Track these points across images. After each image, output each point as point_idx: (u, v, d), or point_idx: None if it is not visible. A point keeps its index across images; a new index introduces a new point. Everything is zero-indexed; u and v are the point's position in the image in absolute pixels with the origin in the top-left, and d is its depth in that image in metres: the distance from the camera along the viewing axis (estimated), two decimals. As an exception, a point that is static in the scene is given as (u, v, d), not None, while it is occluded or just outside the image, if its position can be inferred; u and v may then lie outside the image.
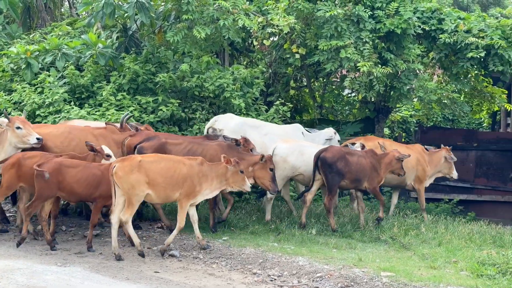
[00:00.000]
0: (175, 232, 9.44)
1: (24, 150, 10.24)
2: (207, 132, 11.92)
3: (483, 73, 15.67)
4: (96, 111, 12.78)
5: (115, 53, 14.04)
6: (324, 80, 16.96)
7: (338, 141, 12.95)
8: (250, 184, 9.81)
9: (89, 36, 14.10)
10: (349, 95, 17.85)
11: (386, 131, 19.53)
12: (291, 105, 14.77)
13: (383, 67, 13.22)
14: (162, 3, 14.38)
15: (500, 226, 12.36)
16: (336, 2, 13.70)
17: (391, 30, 13.57)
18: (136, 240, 9.27)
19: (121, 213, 9.08)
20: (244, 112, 13.59)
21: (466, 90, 16.16)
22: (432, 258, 9.45)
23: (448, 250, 9.92)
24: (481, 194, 15.62)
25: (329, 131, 13.03)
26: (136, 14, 13.59)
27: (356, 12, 13.52)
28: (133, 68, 13.43)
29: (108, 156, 10.00)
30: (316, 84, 17.42)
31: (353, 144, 12.25)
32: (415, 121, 21.13)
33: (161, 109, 12.96)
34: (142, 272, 8.48)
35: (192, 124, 13.26)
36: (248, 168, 10.13)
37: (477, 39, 13.80)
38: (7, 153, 10.14)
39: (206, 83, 13.29)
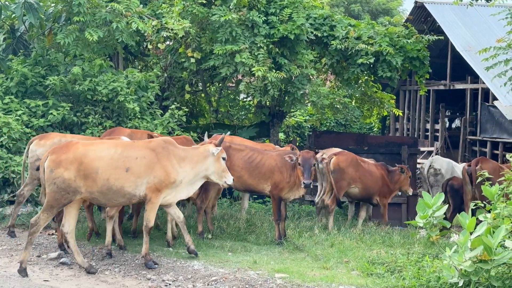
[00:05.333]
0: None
1: None
2: (428, 172, 14.93)
3: (372, 79, 16.23)
4: (-19, 115, 12.24)
5: (2, 55, 13.52)
6: (220, 84, 17.01)
7: None
8: None
9: (-27, 37, 13.49)
10: (245, 99, 18.00)
11: (281, 135, 19.86)
12: (186, 110, 14.69)
13: (277, 72, 13.41)
14: (52, 4, 13.97)
15: (389, 226, 12.81)
16: (230, 7, 13.76)
17: (284, 35, 13.79)
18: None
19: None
20: (139, 117, 13.41)
21: (357, 95, 16.69)
22: (325, 259, 9.64)
23: (340, 250, 10.16)
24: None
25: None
26: (24, 15, 13.12)
27: (251, 17, 13.65)
28: (21, 71, 12.96)
29: None
30: (212, 89, 17.44)
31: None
32: (309, 126, 21.63)
33: (51, 113, 12.58)
34: (30, 281, 8.16)
35: (84, 128, 12.93)
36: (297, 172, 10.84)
37: (366, 46, 14.27)
38: None
39: (99, 87, 13.01)
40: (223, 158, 9.14)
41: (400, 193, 13.67)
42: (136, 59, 16.97)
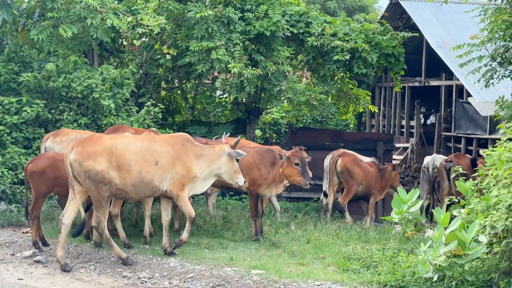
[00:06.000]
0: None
1: None
2: (432, 171, 14.17)
3: (348, 75, 16.29)
4: (-47, 112, 12.09)
5: (-25, 52, 13.33)
6: (196, 81, 16.96)
7: None
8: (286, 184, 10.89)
9: None
10: (221, 96, 17.96)
11: (258, 132, 19.87)
12: (162, 106, 14.62)
13: (254, 68, 13.40)
14: (26, 0, 13.80)
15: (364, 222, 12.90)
16: (206, 4, 13.73)
17: (260, 32, 13.79)
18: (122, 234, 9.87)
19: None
20: (114, 113, 13.32)
21: (333, 92, 16.73)
22: (301, 255, 9.66)
23: (316, 246, 10.19)
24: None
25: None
26: (-3, 11, 12.96)
27: (226, 14, 13.63)
28: (-6, 67, 12.81)
29: None
30: (188, 86, 17.38)
31: None
32: (285, 123, 21.66)
33: (25, 110, 12.45)
34: (4, 280, 8.07)
35: (59, 125, 12.82)
36: (279, 170, 10.71)
37: (342, 43, 14.33)
38: None
39: (74, 83, 12.90)
40: (237, 160, 9.43)
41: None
42: (112, 56, 16.85)
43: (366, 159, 13.67)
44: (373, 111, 19.49)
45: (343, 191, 13.11)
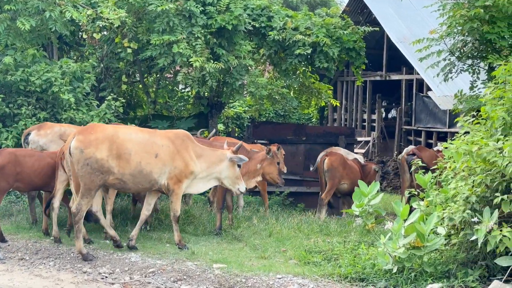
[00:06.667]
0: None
1: None
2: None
3: (310, 69, 16.36)
4: None
5: None
6: (158, 75, 16.83)
7: None
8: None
9: None
10: (183, 90, 17.86)
11: (221, 126, 19.82)
12: (123, 101, 14.44)
13: (216, 62, 13.35)
14: (-18, -8, 13.51)
15: (326, 215, 12.98)
16: (167, -3, 13.61)
17: (222, 26, 13.74)
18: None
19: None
20: (74, 108, 13.13)
21: (295, 86, 16.78)
22: (263, 249, 9.69)
23: (278, 240, 10.24)
24: (310, 186, 16.26)
25: None
26: (-48, 3, 12.67)
27: (188, 7, 13.54)
28: (-50, 61, 12.51)
29: None
30: (150, 80, 17.24)
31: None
32: (248, 117, 21.66)
33: (-18, 104, 12.21)
34: (-39, 278, 7.93)
35: (17, 120, 12.60)
36: (256, 165, 10.75)
37: (304, 37, 14.38)
38: None
39: (32, 77, 12.67)
40: (238, 166, 9.55)
41: None
42: (71, 49, 16.59)
43: (351, 156, 14.11)
44: (335, 105, 19.60)
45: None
